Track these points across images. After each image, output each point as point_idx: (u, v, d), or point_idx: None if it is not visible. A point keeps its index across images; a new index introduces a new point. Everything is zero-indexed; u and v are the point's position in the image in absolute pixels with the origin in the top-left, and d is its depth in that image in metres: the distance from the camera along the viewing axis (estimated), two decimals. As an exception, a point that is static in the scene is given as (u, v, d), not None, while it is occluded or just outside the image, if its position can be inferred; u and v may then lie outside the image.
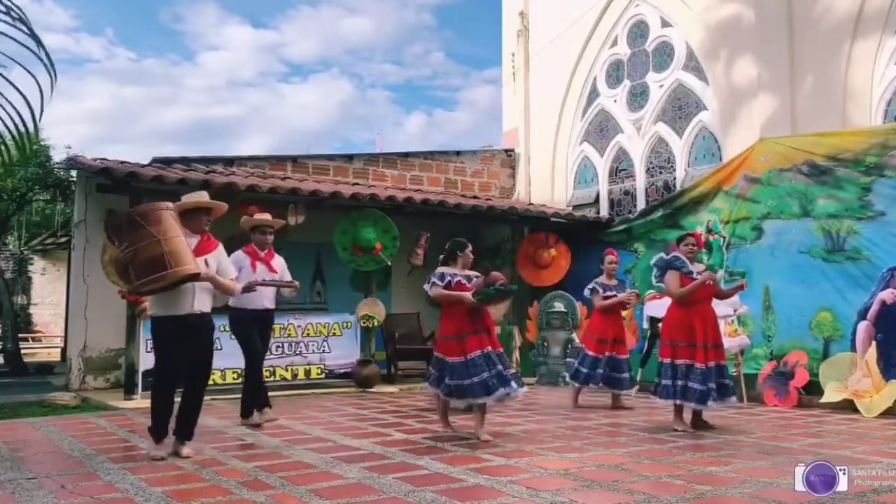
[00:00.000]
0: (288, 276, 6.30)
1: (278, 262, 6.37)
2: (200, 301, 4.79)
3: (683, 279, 5.84)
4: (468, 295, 5.40)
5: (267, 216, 6.45)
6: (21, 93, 5.88)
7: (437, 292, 5.49)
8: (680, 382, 5.73)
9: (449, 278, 5.51)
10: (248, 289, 5.56)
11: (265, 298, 6.19)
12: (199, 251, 4.77)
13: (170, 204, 4.72)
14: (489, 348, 5.36)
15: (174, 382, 4.89)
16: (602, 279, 7.52)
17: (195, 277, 4.59)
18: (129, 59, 79.35)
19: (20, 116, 5.98)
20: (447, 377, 5.39)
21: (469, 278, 5.57)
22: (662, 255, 6.17)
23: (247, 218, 6.39)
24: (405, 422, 6.31)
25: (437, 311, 11.30)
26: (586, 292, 7.63)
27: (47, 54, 5.92)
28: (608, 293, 7.40)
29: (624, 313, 9.11)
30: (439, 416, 5.80)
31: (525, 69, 13.36)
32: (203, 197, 5.02)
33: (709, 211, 9.01)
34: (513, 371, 5.61)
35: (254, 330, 6.18)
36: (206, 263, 4.77)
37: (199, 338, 4.80)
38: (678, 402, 5.77)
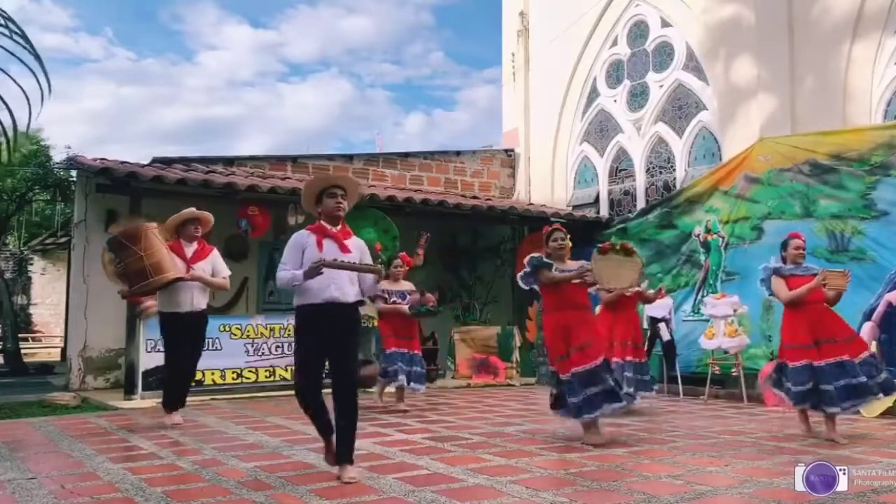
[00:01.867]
0: (368, 259, 4.47)
1: (357, 243, 4.46)
2: (196, 300, 5.95)
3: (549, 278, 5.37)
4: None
5: (346, 178, 4.78)
6: (4, 102, 5.93)
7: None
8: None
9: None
10: (313, 273, 4.05)
11: (334, 287, 4.20)
12: (195, 257, 5.96)
13: (153, 224, 5.84)
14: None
15: (178, 364, 6.04)
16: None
17: (178, 280, 5.73)
18: (129, 59, 79.41)
19: (13, 119, 6.03)
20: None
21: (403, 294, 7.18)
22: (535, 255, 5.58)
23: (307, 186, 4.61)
24: (405, 422, 6.31)
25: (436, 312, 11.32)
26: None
27: (39, 60, 5.94)
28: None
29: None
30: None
31: (525, 69, 13.36)
32: (189, 211, 6.10)
33: (705, 211, 9.01)
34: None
35: (314, 331, 4.21)
36: (194, 269, 5.90)
37: (194, 329, 5.99)
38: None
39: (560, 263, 5.35)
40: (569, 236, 5.50)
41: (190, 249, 6.03)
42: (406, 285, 7.39)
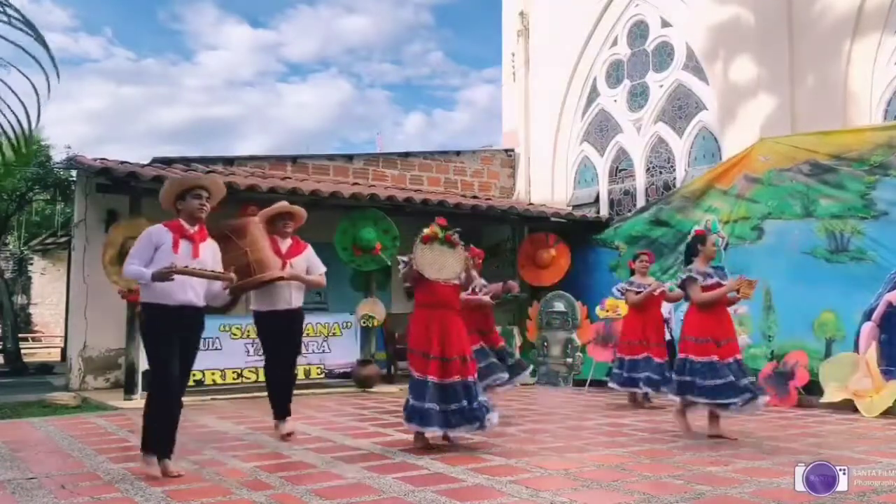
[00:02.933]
0: (219, 263, 4.48)
1: (211, 246, 4.46)
2: (293, 297, 5.60)
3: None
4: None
5: (213, 179, 4.65)
6: (18, 97, 5.92)
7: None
8: None
9: None
10: (162, 276, 4.01)
11: (189, 291, 4.21)
12: (290, 253, 5.62)
13: (257, 218, 5.52)
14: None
15: (279, 367, 5.64)
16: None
17: (279, 279, 5.45)
18: (128, 59, 79.29)
19: (17, 118, 6.02)
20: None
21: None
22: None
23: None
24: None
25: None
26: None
27: (50, 55, 5.95)
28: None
29: (623, 312, 9.12)
30: None
31: (525, 69, 13.35)
32: (281, 205, 5.76)
33: (703, 210, 9.00)
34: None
35: (171, 335, 4.16)
36: (291, 265, 5.55)
37: (290, 328, 5.64)
38: None
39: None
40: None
41: (284, 245, 5.65)
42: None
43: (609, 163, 12.09)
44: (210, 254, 4.34)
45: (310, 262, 5.72)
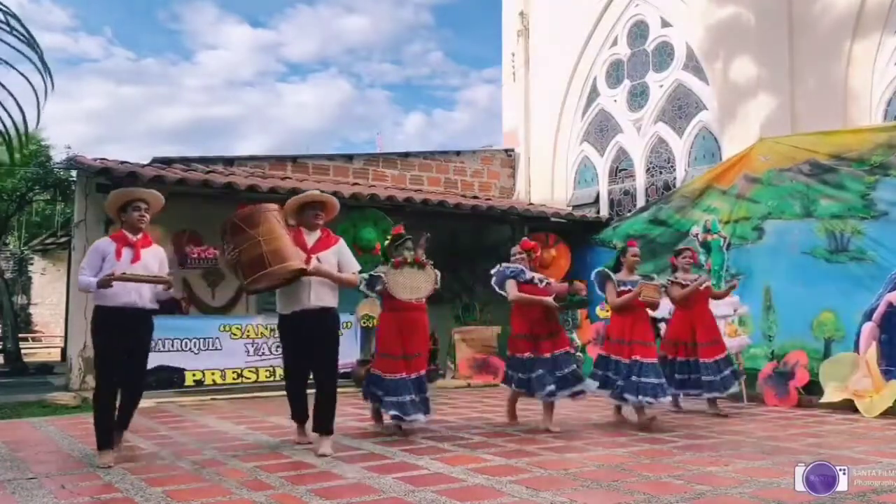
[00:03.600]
0: (165, 267, 4.85)
1: (154, 251, 4.82)
2: (318, 296, 4.92)
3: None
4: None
5: (151, 192, 4.95)
6: (14, 98, 5.91)
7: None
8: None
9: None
10: (104, 283, 4.43)
11: (133, 293, 4.59)
12: (317, 247, 4.99)
13: (274, 206, 4.93)
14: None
15: (299, 377, 5.16)
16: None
17: (302, 273, 4.80)
18: (128, 59, 79.33)
19: (12, 120, 6.02)
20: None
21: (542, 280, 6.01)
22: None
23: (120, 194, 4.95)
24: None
25: (436, 312, 11.31)
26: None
27: (42, 59, 5.94)
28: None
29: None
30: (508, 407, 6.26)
31: (525, 69, 13.36)
32: (310, 194, 5.14)
33: (702, 210, 9.00)
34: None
35: (112, 333, 4.54)
36: (318, 259, 4.93)
37: (318, 331, 4.93)
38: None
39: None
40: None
41: (311, 238, 5.01)
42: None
43: (609, 163, 12.09)
44: (153, 258, 4.72)
45: (341, 258, 5.09)
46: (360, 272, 5.35)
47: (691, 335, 6.72)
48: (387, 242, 5.90)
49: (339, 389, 5.07)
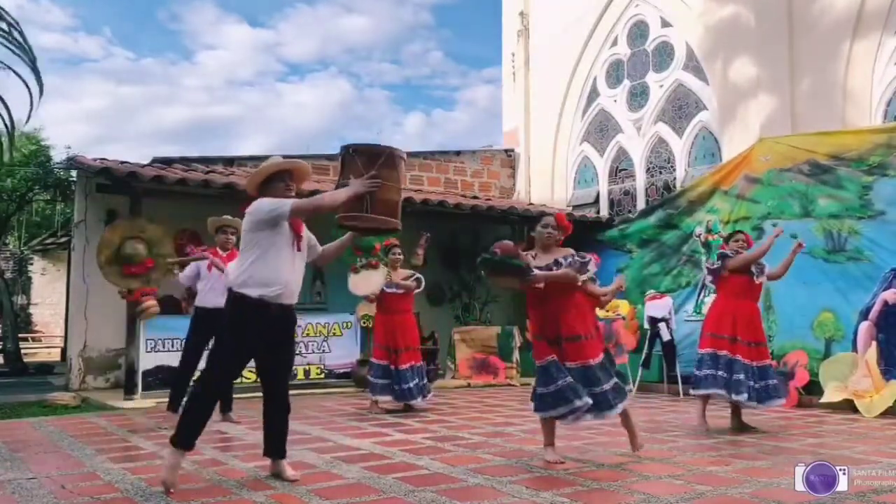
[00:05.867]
0: None
1: None
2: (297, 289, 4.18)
3: None
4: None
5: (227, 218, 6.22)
6: (3, 101, 5.91)
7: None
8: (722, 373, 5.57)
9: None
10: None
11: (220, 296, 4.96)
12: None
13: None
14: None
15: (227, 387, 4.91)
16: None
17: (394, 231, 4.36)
18: (127, 59, 79.42)
19: (3, 122, 6.02)
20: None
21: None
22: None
23: (213, 219, 6.29)
24: (405, 422, 6.30)
25: (435, 311, 11.25)
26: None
27: (34, 67, 5.92)
28: None
29: (624, 312, 9.11)
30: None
31: (525, 69, 13.36)
32: (281, 162, 4.29)
33: (706, 211, 9.00)
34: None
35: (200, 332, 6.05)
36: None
37: (289, 332, 4.25)
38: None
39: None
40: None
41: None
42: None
43: (609, 163, 12.09)
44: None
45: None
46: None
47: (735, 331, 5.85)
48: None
49: (339, 389, 5.06)
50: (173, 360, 8.04)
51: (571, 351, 4.44)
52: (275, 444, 4.09)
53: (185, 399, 4.40)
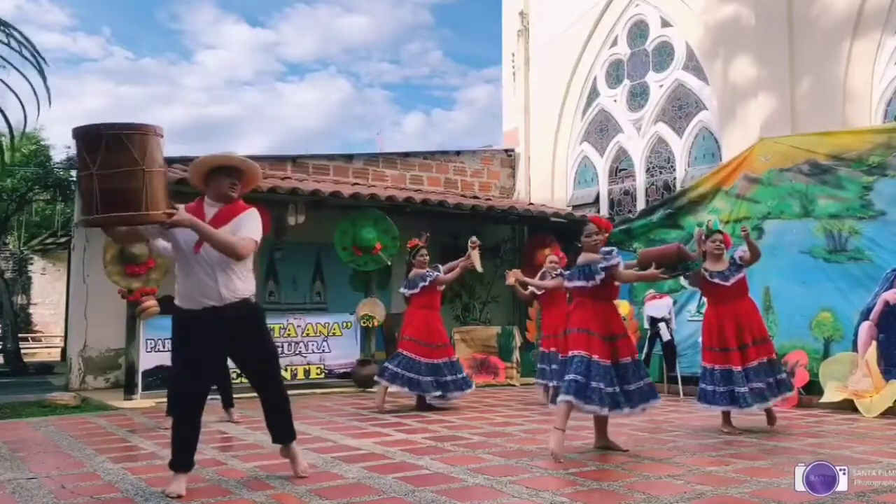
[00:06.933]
0: None
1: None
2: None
3: None
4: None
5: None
6: (18, 97, 5.93)
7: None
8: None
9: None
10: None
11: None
12: (216, 221, 3.90)
13: (160, 128, 3.60)
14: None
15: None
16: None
17: (164, 224, 3.70)
18: (127, 59, 79.38)
19: (7, 123, 6.04)
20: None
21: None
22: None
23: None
24: (405, 422, 6.30)
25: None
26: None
27: (41, 72, 5.93)
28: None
29: (624, 313, 9.09)
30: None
31: (525, 69, 13.36)
32: (227, 156, 4.09)
33: (708, 211, 8.99)
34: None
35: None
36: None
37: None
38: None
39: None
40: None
41: (212, 211, 4.05)
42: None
43: (609, 163, 12.09)
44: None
45: (236, 228, 3.92)
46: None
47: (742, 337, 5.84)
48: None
49: (339, 389, 5.06)
50: (173, 359, 8.08)
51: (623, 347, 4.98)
52: (276, 429, 4.14)
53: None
